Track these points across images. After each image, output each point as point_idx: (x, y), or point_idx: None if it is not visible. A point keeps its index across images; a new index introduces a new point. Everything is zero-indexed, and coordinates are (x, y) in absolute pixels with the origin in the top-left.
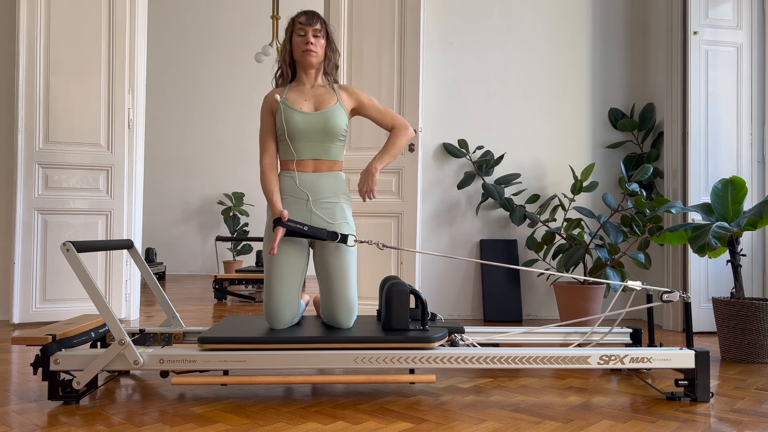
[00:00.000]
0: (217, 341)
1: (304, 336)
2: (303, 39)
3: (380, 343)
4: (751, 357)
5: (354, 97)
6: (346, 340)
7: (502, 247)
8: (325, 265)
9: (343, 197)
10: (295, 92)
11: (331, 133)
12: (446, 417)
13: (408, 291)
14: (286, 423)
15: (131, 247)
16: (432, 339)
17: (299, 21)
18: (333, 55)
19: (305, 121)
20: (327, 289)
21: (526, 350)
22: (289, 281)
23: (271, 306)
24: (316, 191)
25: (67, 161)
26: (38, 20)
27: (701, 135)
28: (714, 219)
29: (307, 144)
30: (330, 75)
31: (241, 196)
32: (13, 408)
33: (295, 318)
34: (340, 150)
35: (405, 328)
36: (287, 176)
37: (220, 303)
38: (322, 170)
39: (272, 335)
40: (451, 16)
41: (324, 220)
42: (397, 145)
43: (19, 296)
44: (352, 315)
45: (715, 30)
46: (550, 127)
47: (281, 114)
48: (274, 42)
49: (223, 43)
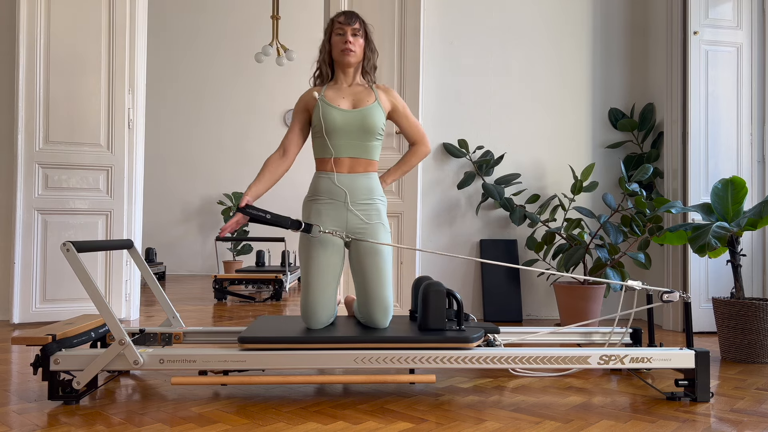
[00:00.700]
0: (258, 341)
1: (342, 336)
2: (342, 38)
3: (419, 343)
4: (751, 357)
5: (391, 99)
6: (385, 340)
7: (502, 247)
8: (360, 266)
9: (379, 198)
10: (333, 90)
11: (368, 131)
12: (446, 417)
13: (445, 291)
14: (286, 423)
15: (131, 247)
16: (470, 339)
17: (338, 20)
18: (372, 55)
19: (343, 118)
20: (363, 290)
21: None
22: (326, 282)
23: (309, 306)
24: (352, 192)
25: (67, 161)
26: (38, 20)
27: (701, 135)
28: (714, 219)
29: (345, 141)
30: (369, 74)
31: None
32: (13, 408)
33: (331, 318)
34: (377, 149)
35: (442, 329)
36: (324, 177)
37: (220, 303)
38: (358, 170)
39: (311, 335)
40: (451, 16)
41: (361, 220)
42: (411, 163)
43: (19, 296)
44: (388, 315)
45: (715, 30)
46: (550, 126)
47: (318, 111)
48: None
49: (223, 42)
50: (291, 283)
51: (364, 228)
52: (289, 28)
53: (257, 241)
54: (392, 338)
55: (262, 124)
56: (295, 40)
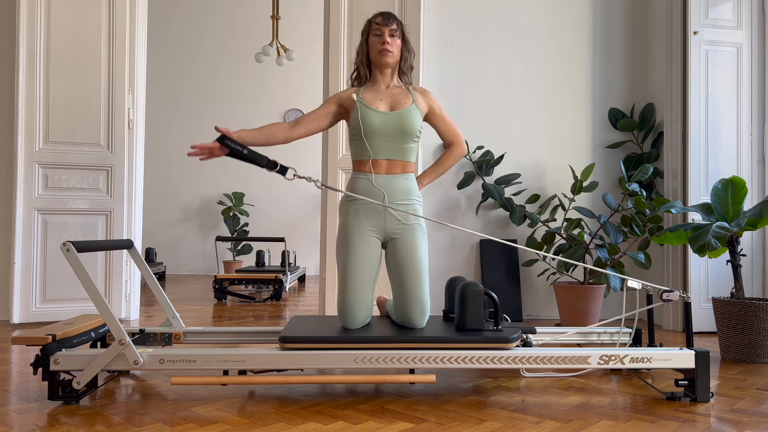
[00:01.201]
0: (299, 341)
1: (383, 336)
2: (379, 39)
3: (458, 343)
4: (751, 357)
5: (428, 102)
6: (426, 340)
7: (502, 246)
8: (398, 265)
9: (416, 198)
10: (371, 92)
11: (406, 133)
12: (446, 417)
13: (482, 292)
14: (286, 423)
15: (131, 247)
16: (509, 339)
17: (375, 21)
18: (409, 55)
19: (381, 121)
20: (400, 289)
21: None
22: (364, 281)
23: (346, 306)
24: (390, 193)
25: (67, 161)
26: (38, 20)
27: (701, 135)
28: (714, 219)
29: (382, 144)
30: (406, 75)
31: (241, 196)
32: (13, 408)
33: (368, 318)
34: (413, 151)
35: (480, 329)
36: (362, 178)
37: (220, 303)
38: (395, 171)
39: (351, 335)
40: (451, 16)
41: (399, 220)
42: (446, 165)
43: (19, 296)
44: (425, 315)
45: (715, 30)
46: (550, 126)
47: (357, 113)
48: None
49: (223, 42)
50: (291, 283)
51: (402, 228)
52: (289, 28)
53: (257, 241)
54: (432, 338)
55: (262, 123)
56: (295, 40)
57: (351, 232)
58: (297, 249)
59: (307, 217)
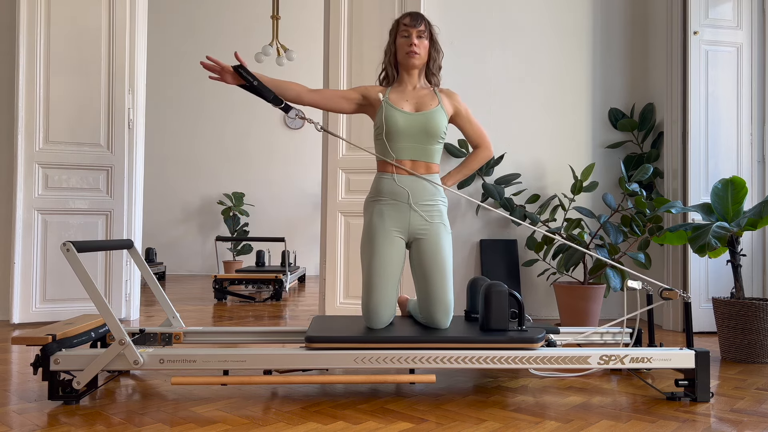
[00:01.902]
0: (326, 340)
1: (406, 336)
2: (407, 40)
3: (483, 343)
4: (751, 357)
5: (455, 104)
6: (452, 341)
7: (502, 247)
8: (422, 265)
9: (441, 199)
10: (397, 92)
11: (431, 134)
12: (446, 417)
13: (507, 292)
14: (286, 423)
15: (131, 247)
16: (535, 340)
17: (404, 23)
18: (437, 56)
19: (406, 121)
20: (424, 290)
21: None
22: (388, 281)
23: (371, 305)
24: (414, 192)
25: (67, 161)
26: (38, 20)
27: (701, 135)
28: (714, 219)
29: (407, 144)
30: (435, 75)
31: (241, 196)
32: (13, 408)
33: (392, 317)
34: (438, 152)
35: (505, 329)
36: (386, 177)
37: (220, 303)
38: (419, 172)
39: (376, 335)
40: (451, 16)
41: (424, 219)
42: (472, 167)
43: (19, 296)
44: (449, 315)
45: (715, 30)
46: (550, 126)
47: (382, 112)
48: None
49: (224, 42)
50: (291, 284)
51: (427, 228)
52: (289, 28)
53: (257, 241)
54: (457, 338)
55: (262, 123)
56: (295, 40)
57: (376, 231)
58: (297, 249)
59: (307, 217)
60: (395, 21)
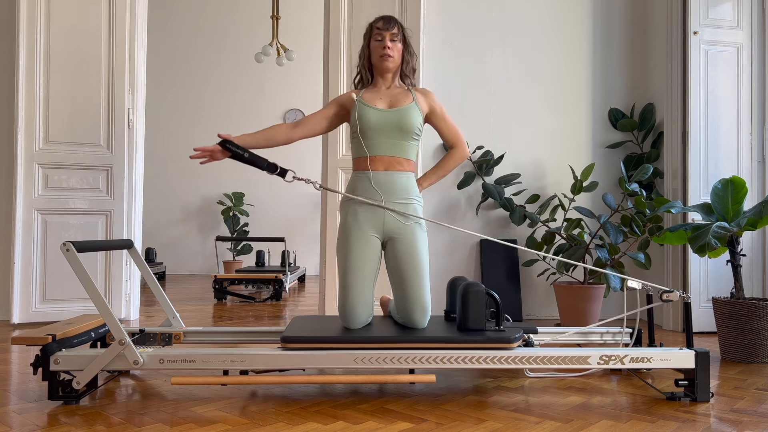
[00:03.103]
0: (301, 341)
1: (383, 336)
2: (380, 44)
3: (459, 343)
4: (751, 357)
5: (429, 102)
6: (426, 340)
7: (502, 247)
8: (398, 265)
9: (416, 198)
10: (371, 92)
11: (405, 131)
12: (446, 417)
13: (484, 292)
14: (286, 423)
15: (131, 247)
16: (511, 339)
17: (377, 26)
18: (410, 59)
19: (379, 117)
20: (401, 290)
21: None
22: (364, 281)
23: (348, 306)
24: (390, 191)
25: (67, 161)
26: (38, 20)
27: (701, 135)
28: (714, 219)
29: (381, 140)
30: (408, 77)
31: (241, 196)
32: (13, 408)
33: (369, 317)
34: (413, 149)
35: (482, 329)
36: (361, 176)
37: (220, 303)
38: (394, 169)
39: (353, 335)
40: (451, 16)
41: (398, 219)
42: (448, 168)
43: (19, 296)
44: (427, 315)
45: (715, 30)
46: (550, 126)
47: (355, 111)
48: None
49: (223, 42)
50: (291, 283)
51: (401, 228)
52: (289, 28)
53: (257, 241)
54: (434, 338)
55: (262, 124)
56: (295, 40)
57: (350, 231)
58: (297, 249)
59: (307, 217)
60: (369, 25)
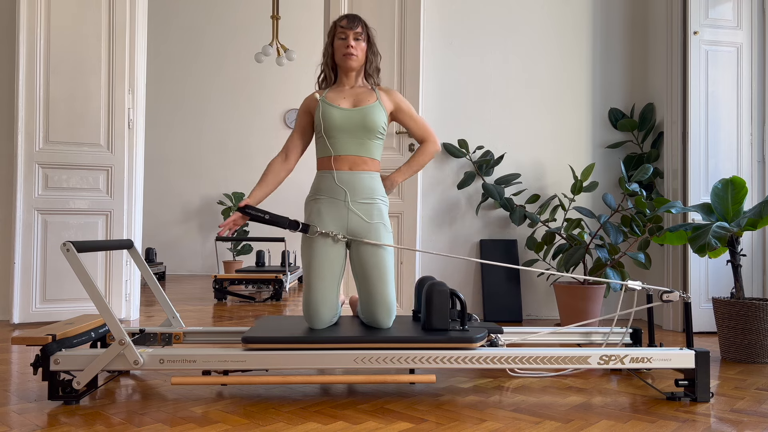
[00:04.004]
0: (261, 341)
1: (345, 336)
2: (344, 42)
3: (422, 343)
4: (751, 357)
5: (394, 100)
6: (389, 340)
7: (502, 247)
8: (362, 266)
9: (380, 198)
10: (335, 92)
11: (369, 129)
12: (446, 417)
13: (448, 291)
14: (286, 423)
15: (131, 247)
16: (474, 339)
17: (340, 25)
18: (374, 58)
19: (342, 117)
20: (365, 290)
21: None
22: (327, 281)
23: (311, 306)
24: (353, 190)
25: (67, 161)
26: (38, 20)
27: (701, 135)
28: (714, 219)
29: (345, 140)
30: (371, 77)
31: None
32: (13, 408)
33: (334, 318)
34: (378, 148)
35: (446, 329)
36: (325, 175)
37: (220, 303)
38: (359, 168)
39: (315, 335)
40: (451, 16)
41: (362, 219)
42: (421, 162)
43: (19, 296)
44: (391, 315)
45: (715, 30)
46: (551, 126)
47: (319, 111)
48: (274, 42)
49: (223, 43)
50: (291, 283)
51: (365, 227)
52: (289, 28)
53: (257, 241)
54: (396, 338)
55: (262, 123)
56: (295, 40)
57: None
58: (297, 249)
59: None
60: (332, 23)
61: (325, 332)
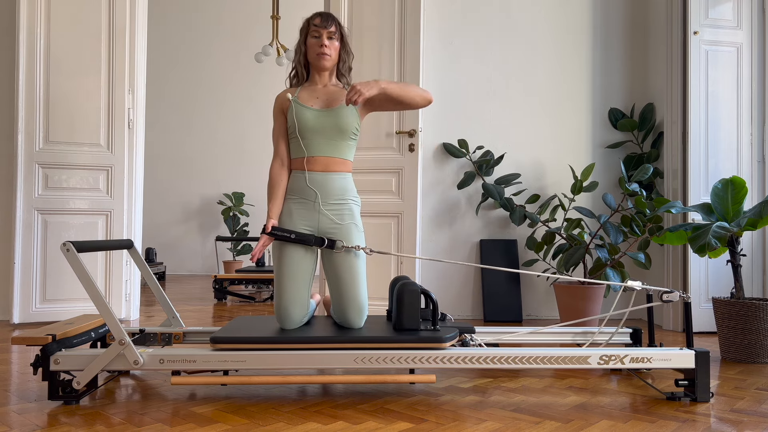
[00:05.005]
0: (230, 341)
1: (315, 336)
2: (317, 41)
3: (392, 343)
4: (751, 357)
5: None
6: (359, 340)
7: (502, 247)
8: (333, 266)
9: (352, 199)
10: (307, 91)
11: (342, 130)
12: (446, 417)
13: (419, 291)
14: (286, 423)
15: (131, 247)
16: (443, 339)
17: (314, 23)
18: (347, 57)
19: (316, 118)
20: (337, 290)
21: (533, 350)
22: (298, 281)
23: (282, 306)
24: (325, 191)
25: (67, 161)
26: (38, 20)
27: (701, 135)
28: (714, 219)
29: (318, 141)
30: (344, 76)
31: (241, 196)
32: (13, 408)
33: (305, 318)
34: (351, 149)
35: (416, 328)
36: (298, 175)
37: (220, 303)
38: (332, 169)
39: (284, 335)
40: (451, 16)
41: (332, 221)
42: (411, 86)
43: (19, 296)
44: (363, 315)
45: (715, 30)
46: (550, 126)
47: (292, 112)
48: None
49: (223, 43)
50: None
51: (336, 229)
52: (289, 28)
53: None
54: (365, 338)
55: (262, 124)
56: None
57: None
58: None
59: None
60: (305, 20)
61: (294, 332)
